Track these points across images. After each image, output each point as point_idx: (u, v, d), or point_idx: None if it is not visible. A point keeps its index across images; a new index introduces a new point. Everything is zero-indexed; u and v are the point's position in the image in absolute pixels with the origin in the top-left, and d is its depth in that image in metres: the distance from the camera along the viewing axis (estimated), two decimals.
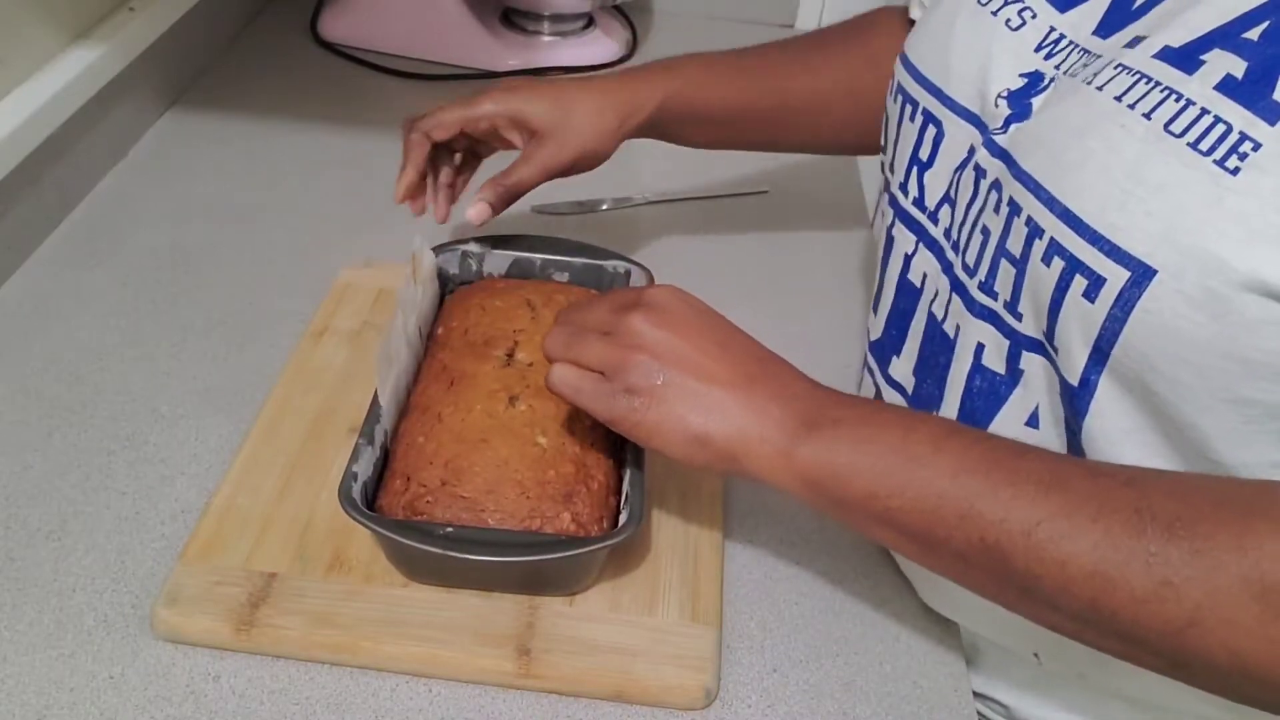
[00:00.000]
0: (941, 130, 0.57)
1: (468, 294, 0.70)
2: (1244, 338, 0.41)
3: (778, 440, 0.49)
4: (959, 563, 0.46)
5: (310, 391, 0.69)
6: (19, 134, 0.78)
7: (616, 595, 0.58)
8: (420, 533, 0.54)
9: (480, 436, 0.58)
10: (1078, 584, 0.42)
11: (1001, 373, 0.53)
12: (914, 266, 0.60)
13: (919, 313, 0.60)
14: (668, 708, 0.55)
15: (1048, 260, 0.47)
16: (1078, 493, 0.42)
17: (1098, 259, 0.44)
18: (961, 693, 0.58)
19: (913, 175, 0.60)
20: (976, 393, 0.54)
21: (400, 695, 0.55)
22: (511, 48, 1.17)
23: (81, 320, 0.76)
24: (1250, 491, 0.41)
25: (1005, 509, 0.43)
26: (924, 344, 0.59)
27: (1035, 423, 0.52)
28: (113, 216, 0.88)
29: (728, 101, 0.75)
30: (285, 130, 1.02)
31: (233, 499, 0.61)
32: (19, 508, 0.62)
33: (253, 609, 0.56)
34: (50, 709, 0.52)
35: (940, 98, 0.57)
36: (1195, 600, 0.39)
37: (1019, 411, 0.52)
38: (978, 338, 0.53)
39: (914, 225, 0.60)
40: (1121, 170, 0.44)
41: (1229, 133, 0.41)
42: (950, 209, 0.57)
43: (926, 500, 0.45)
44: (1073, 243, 0.45)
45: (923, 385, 0.59)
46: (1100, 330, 0.45)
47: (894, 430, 0.48)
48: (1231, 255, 0.40)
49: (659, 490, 0.65)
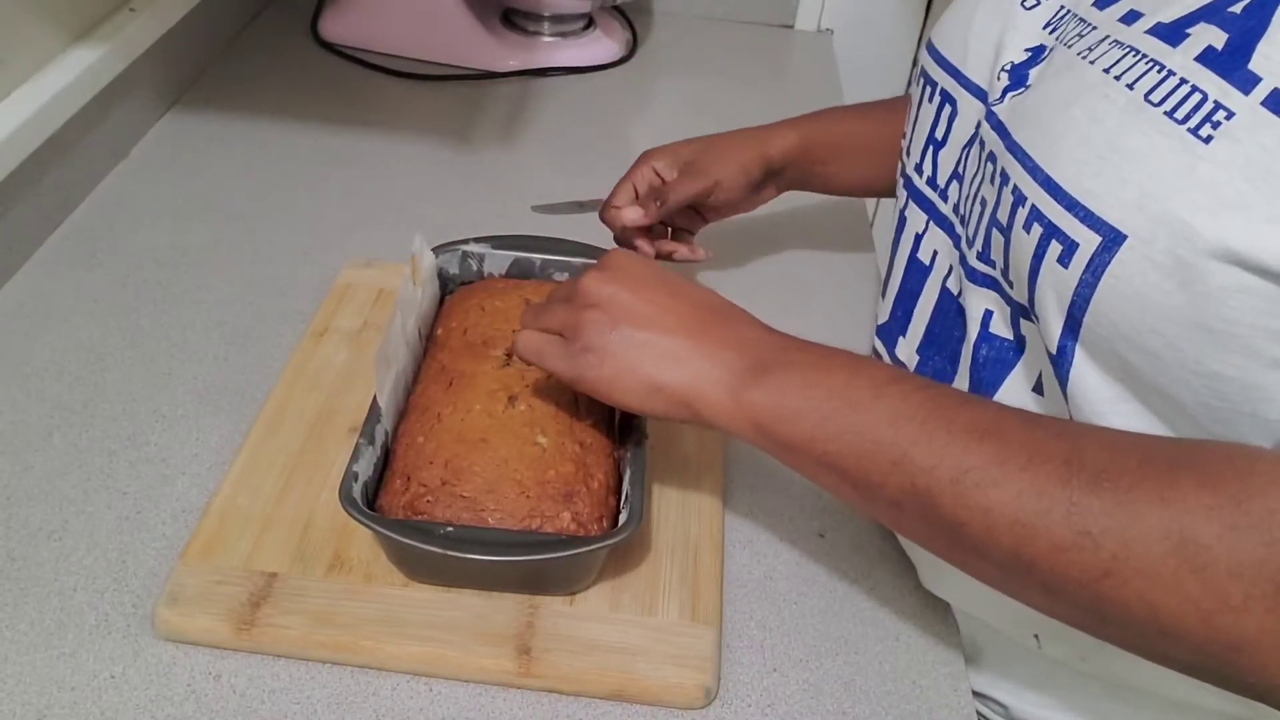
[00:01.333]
0: (955, 108, 0.58)
1: (467, 294, 0.70)
2: (1211, 306, 0.41)
3: (729, 384, 0.50)
4: (893, 509, 0.47)
5: (311, 391, 0.69)
6: (20, 134, 0.78)
7: (616, 595, 0.58)
8: (420, 532, 0.54)
9: (480, 436, 0.58)
10: (1000, 531, 0.42)
11: (1009, 339, 0.53)
12: (924, 245, 0.61)
13: (928, 290, 0.60)
14: (668, 707, 0.55)
15: (1028, 227, 0.47)
16: (1010, 442, 0.43)
17: (1072, 225, 0.45)
18: (961, 693, 0.58)
19: (928, 155, 0.60)
20: (984, 362, 0.54)
21: (400, 695, 0.55)
22: (511, 48, 1.18)
23: (82, 320, 0.77)
24: (1181, 448, 0.42)
25: (937, 456, 0.44)
26: (934, 320, 0.60)
27: (1040, 389, 0.52)
28: (113, 217, 0.88)
29: (864, 132, 0.80)
30: (285, 130, 1.02)
31: (233, 499, 0.62)
32: (20, 507, 0.62)
33: (253, 608, 0.56)
34: (51, 708, 0.53)
35: (956, 76, 0.58)
36: (1112, 550, 0.40)
37: (1025, 379, 0.53)
38: (984, 305, 0.54)
39: (925, 203, 0.61)
40: (1101, 139, 0.44)
41: (1204, 101, 0.42)
42: (959, 185, 0.57)
43: (863, 445, 0.46)
44: (1050, 209, 0.46)
45: (929, 361, 0.60)
46: (1073, 297, 0.45)
47: (839, 375, 0.48)
48: (1201, 223, 0.41)
49: (659, 490, 0.65)
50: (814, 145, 0.79)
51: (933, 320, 0.60)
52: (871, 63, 1.38)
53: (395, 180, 0.96)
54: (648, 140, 0.80)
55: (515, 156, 1.01)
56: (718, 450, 0.68)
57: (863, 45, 1.36)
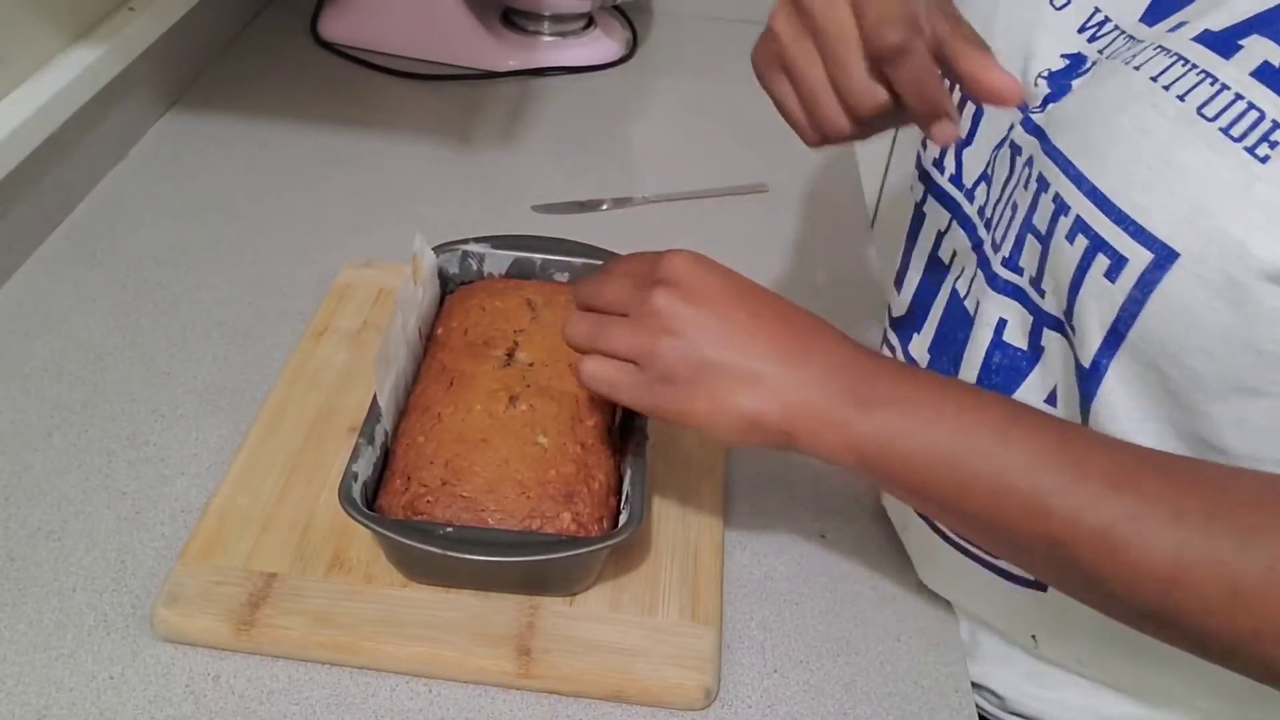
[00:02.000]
0: (981, 107, 0.56)
1: (468, 294, 0.70)
2: (1261, 327, 0.41)
3: (832, 415, 0.47)
4: (1024, 554, 0.45)
5: (310, 391, 0.69)
6: (19, 134, 0.78)
7: (616, 595, 0.58)
8: (420, 533, 0.54)
9: (480, 436, 0.58)
10: (1145, 587, 0.41)
11: (1023, 348, 0.53)
12: (945, 244, 0.60)
13: (943, 290, 0.59)
14: (668, 708, 0.55)
15: (1071, 238, 0.46)
16: (1149, 494, 0.41)
17: (1121, 239, 0.44)
18: (962, 693, 0.58)
19: (949, 151, 0.59)
20: (996, 369, 0.54)
21: (400, 695, 0.55)
22: (511, 48, 1.17)
23: (82, 320, 0.76)
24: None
25: (1075, 510, 0.42)
26: (943, 321, 0.59)
27: (1053, 401, 0.52)
28: (113, 216, 0.88)
29: None
30: (285, 130, 1.02)
31: (233, 499, 0.62)
32: (19, 507, 0.62)
33: (253, 609, 0.56)
34: (50, 709, 0.53)
35: None
36: (1260, 612, 0.39)
37: (1038, 389, 0.52)
38: (999, 313, 0.53)
39: (949, 201, 0.59)
40: (1151, 150, 0.44)
41: (1261, 120, 0.41)
42: (986, 187, 0.56)
43: (995, 494, 0.44)
44: (1097, 221, 0.45)
45: (936, 361, 0.59)
46: (1119, 312, 0.44)
47: (952, 416, 0.45)
48: (1255, 243, 0.40)
49: (659, 490, 0.65)
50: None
51: (942, 321, 0.59)
52: None
53: (395, 180, 0.96)
54: (648, 140, 0.80)
55: (515, 156, 1.01)
56: (718, 451, 0.68)
57: None
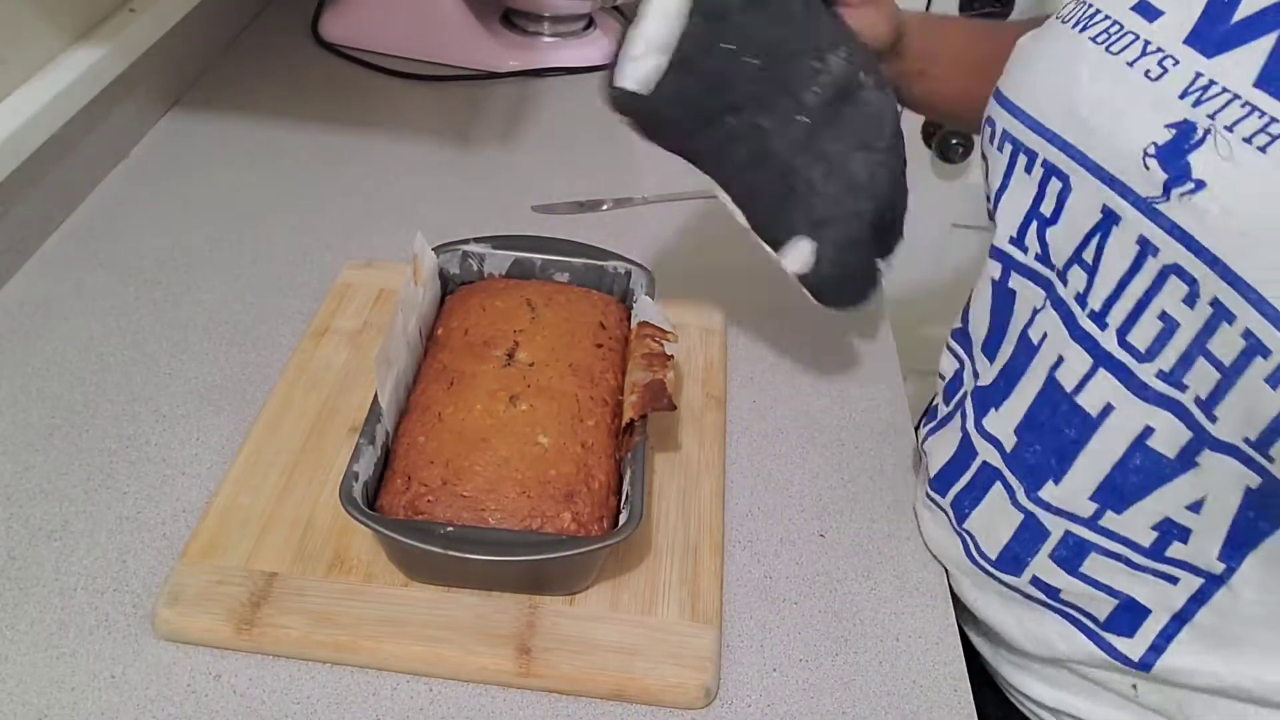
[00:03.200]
0: (1068, 185, 0.52)
1: (468, 294, 0.70)
2: None
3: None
4: None
5: (311, 391, 0.69)
6: (20, 135, 0.78)
7: (616, 594, 0.58)
8: (421, 532, 0.54)
9: (481, 436, 0.58)
10: None
11: (1170, 457, 0.50)
12: (1036, 323, 0.56)
13: (1032, 373, 0.56)
14: (668, 707, 0.55)
15: (1274, 383, 0.43)
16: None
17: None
18: (961, 693, 0.58)
19: (1031, 230, 0.55)
20: (1133, 469, 0.51)
21: (401, 694, 0.55)
22: (511, 48, 1.18)
23: (83, 320, 0.77)
24: None
25: None
26: (1037, 408, 0.56)
27: (1198, 509, 0.50)
28: (114, 217, 0.88)
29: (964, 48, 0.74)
30: (286, 130, 1.02)
31: (234, 498, 0.62)
32: (20, 507, 0.62)
33: (254, 608, 0.56)
34: (51, 708, 0.53)
35: (1070, 152, 0.51)
36: None
37: (1182, 495, 0.50)
38: (1146, 421, 0.50)
39: (1040, 280, 0.56)
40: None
41: None
42: (1085, 274, 0.52)
43: None
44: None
45: (1029, 449, 0.56)
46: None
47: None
48: None
49: (659, 490, 0.65)
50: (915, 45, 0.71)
51: (1035, 407, 0.56)
52: None
53: (395, 180, 0.96)
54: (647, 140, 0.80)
55: (515, 156, 1.01)
56: (718, 450, 0.68)
57: None
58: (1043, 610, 0.59)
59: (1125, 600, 0.55)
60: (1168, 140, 0.47)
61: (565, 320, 0.67)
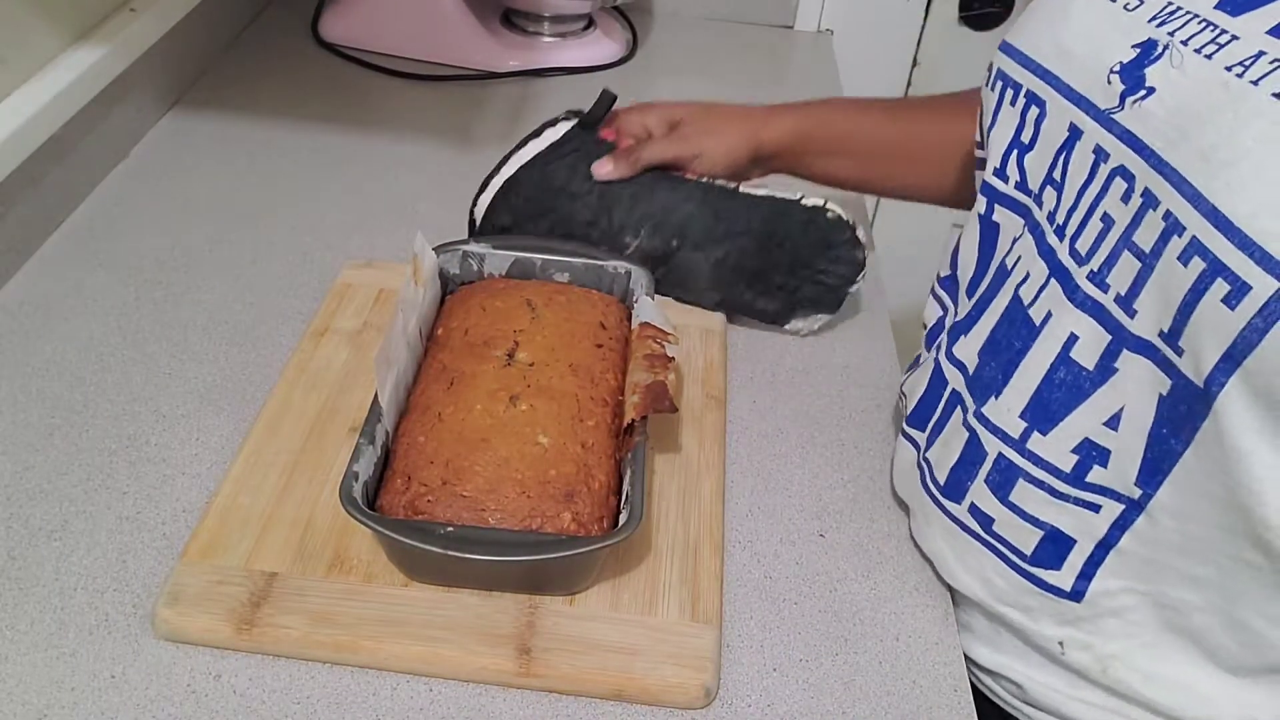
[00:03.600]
0: (1044, 111, 0.56)
1: (468, 294, 0.70)
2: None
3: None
4: None
5: (311, 391, 0.69)
6: (20, 134, 0.78)
7: (616, 594, 0.58)
8: (421, 532, 0.54)
9: (481, 436, 0.58)
10: None
11: (1088, 368, 0.52)
12: (1014, 249, 0.58)
13: (1002, 294, 0.58)
14: (668, 707, 0.55)
15: (1185, 259, 0.45)
16: None
17: (1245, 265, 0.42)
18: (961, 693, 0.58)
19: (1011, 159, 0.58)
20: (1058, 384, 0.53)
21: (401, 694, 0.55)
22: (511, 48, 1.18)
23: (83, 320, 0.77)
24: None
25: None
26: (999, 326, 0.58)
27: (1115, 424, 0.51)
28: (114, 217, 0.88)
29: (863, 133, 0.79)
30: (286, 130, 1.02)
31: (234, 498, 0.62)
32: (20, 507, 0.62)
33: (254, 608, 0.56)
34: (51, 708, 0.53)
35: (1049, 79, 0.55)
36: None
37: (1099, 411, 0.52)
38: (1071, 328, 0.52)
39: (1019, 208, 0.59)
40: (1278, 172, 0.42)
41: None
42: (1055, 191, 0.55)
43: None
44: (1218, 245, 0.43)
45: (985, 367, 0.58)
46: (1236, 339, 0.43)
47: None
48: None
49: (659, 490, 0.65)
50: (810, 139, 0.78)
51: (997, 326, 0.58)
52: (871, 63, 1.39)
53: (395, 180, 0.96)
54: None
55: None
56: (718, 450, 0.68)
57: (863, 45, 1.36)
58: (980, 546, 0.60)
59: (1050, 531, 0.56)
60: (1132, 58, 0.51)
61: (565, 320, 0.67)
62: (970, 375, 0.60)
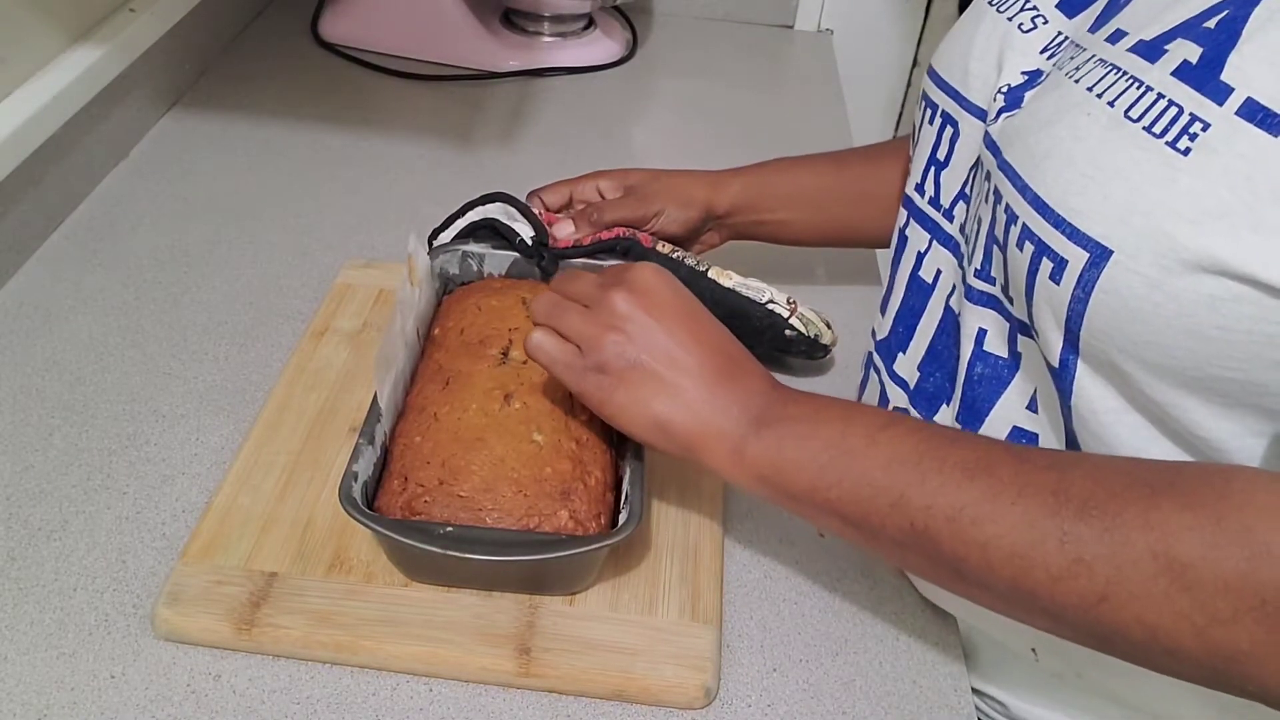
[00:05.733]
0: (957, 130, 0.58)
1: (465, 294, 0.70)
2: (1203, 316, 0.42)
3: (732, 438, 0.51)
4: (897, 548, 0.48)
5: (311, 391, 0.69)
6: (20, 134, 0.78)
7: (616, 594, 0.58)
8: (421, 532, 0.54)
9: (476, 435, 0.58)
10: (999, 565, 0.43)
11: (1004, 356, 0.53)
12: (926, 264, 0.61)
13: (931, 308, 0.60)
14: (668, 707, 0.55)
15: (1020, 245, 0.48)
16: (1001, 478, 0.44)
17: (1060, 241, 0.45)
18: (961, 692, 0.58)
19: (930, 175, 0.61)
20: (979, 379, 0.55)
21: (400, 694, 0.55)
22: (511, 48, 1.18)
23: (83, 320, 0.77)
24: (1161, 472, 0.42)
25: (931, 496, 0.45)
26: (936, 338, 0.60)
27: (1034, 407, 0.53)
28: (114, 217, 0.88)
29: (813, 183, 0.80)
30: (285, 130, 1.02)
31: (233, 498, 0.62)
32: (20, 507, 0.62)
33: (253, 608, 0.56)
34: (51, 708, 0.53)
35: (957, 99, 0.58)
36: (1105, 576, 0.41)
37: (1020, 396, 0.53)
38: (978, 323, 0.54)
39: (928, 223, 0.61)
40: (1084, 156, 0.45)
41: (1180, 115, 0.42)
42: (965, 205, 0.58)
43: (861, 490, 0.48)
44: (1039, 226, 0.46)
45: (929, 379, 0.60)
46: (1067, 312, 0.46)
47: (834, 425, 0.50)
48: (1184, 234, 0.41)
49: (659, 489, 0.65)
50: (759, 195, 0.79)
51: (935, 338, 0.60)
52: (871, 63, 1.39)
53: (395, 180, 0.96)
54: (648, 140, 0.80)
55: (515, 156, 1.01)
56: None
57: (863, 45, 1.36)
58: None
59: None
60: (1019, 83, 0.54)
61: None
62: (914, 390, 0.61)
